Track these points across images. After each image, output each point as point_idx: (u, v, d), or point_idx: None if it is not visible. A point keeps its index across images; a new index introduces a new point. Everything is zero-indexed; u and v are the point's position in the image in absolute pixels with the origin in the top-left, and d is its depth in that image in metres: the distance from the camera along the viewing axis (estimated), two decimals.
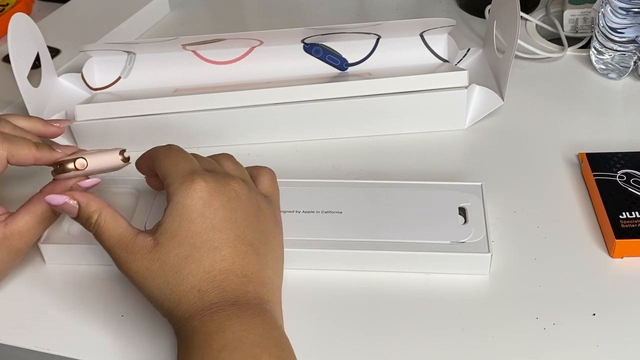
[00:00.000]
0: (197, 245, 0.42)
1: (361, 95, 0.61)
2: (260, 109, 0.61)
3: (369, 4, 0.86)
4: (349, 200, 0.53)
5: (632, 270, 0.50)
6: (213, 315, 0.40)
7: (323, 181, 0.55)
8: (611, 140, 0.61)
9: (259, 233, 0.44)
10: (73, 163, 0.47)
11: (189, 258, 0.41)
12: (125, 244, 0.43)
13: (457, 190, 0.53)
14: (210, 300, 0.41)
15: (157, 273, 0.42)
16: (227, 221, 0.43)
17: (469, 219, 0.51)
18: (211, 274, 0.41)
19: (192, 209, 0.42)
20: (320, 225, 0.51)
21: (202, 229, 0.42)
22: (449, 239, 0.50)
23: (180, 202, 0.42)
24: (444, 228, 0.51)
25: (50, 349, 0.47)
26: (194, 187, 0.42)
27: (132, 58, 0.68)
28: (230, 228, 0.43)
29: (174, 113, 0.61)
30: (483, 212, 0.52)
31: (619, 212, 0.51)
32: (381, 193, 0.54)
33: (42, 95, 0.64)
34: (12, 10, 0.82)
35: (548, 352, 0.45)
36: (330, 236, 0.51)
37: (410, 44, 0.67)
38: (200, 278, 0.41)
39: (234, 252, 0.42)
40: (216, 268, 0.42)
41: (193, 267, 0.41)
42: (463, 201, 0.53)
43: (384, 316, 0.48)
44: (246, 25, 0.85)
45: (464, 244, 0.49)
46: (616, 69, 0.68)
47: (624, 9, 0.64)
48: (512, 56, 0.59)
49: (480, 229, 0.50)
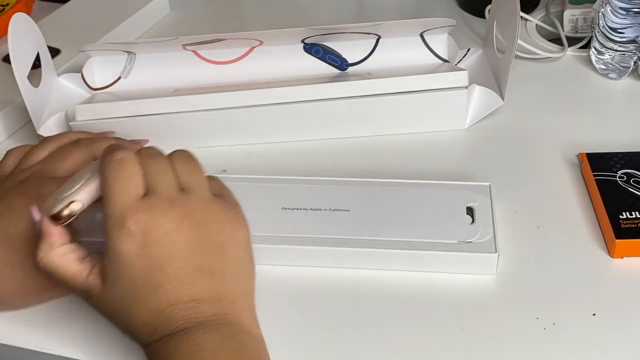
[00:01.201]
0: (139, 286, 0.41)
1: (361, 95, 0.61)
2: (260, 109, 0.61)
3: (369, 4, 0.86)
4: (356, 198, 0.53)
5: (632, 270, 0.50)
6: (165, 344, 0.40)
7: (329, 179, 0.55)
8: (611, 140, 0.61)
9: (210, 251, 0.43)
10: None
11: (134, 299, 0.41)
12: (79, 286, 0.42)
13: (465, 190, 0.54)
14: (162, 333, 0.41)
15: (111, 312, 0.42)
16: (166, 257, 0.41)
17: (477, 219, 0.51)
18: (158, 309, 0.41)
19: (126, 253, 0.40)
20: (327, 222, 0.52)
21: (141, 270, 0.41)
22: (456, 238, 0.50)
23: (113, 248, 0.41)
24: (451, 227, 0.51)
25: (50, 349, 0.47)
26: (125, 231, 0.40)
27: (132, 58, 0.68)
28: (170, 262, 0.41)
29: (174, 113, 0.61)
30: (491, 212, 0.52)
31: (619, 212, 0.51)
32: (388, 191, 0.54)
33: (42, 95, 0.64)
34: (12, 10, 0.82)
35: (548, 352, 0.45)
36: (338, 234, 0.51)
37: (410, 44, 0.67)
38: (148, 316, 0.41)
39: (179, 283, 0.41)
40: (162, 303, 0.41)
41: (140, 306, 0.41)
42: (471, 201, 0.53)
43: (384, 316, 0.48)
44: (246, 25, 0.85)
45: (471, 244, 0.49)
46: (616, 69, 0.68)
47: (624, 9, 0.64)
48: (512, 56, 0.59)
49: (488, 228, 0.50)
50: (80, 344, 0.47)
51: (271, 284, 0.49)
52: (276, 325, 0.46)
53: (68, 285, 0.43)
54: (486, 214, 0.51)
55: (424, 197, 0.53)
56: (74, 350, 0.47)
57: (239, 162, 0.62)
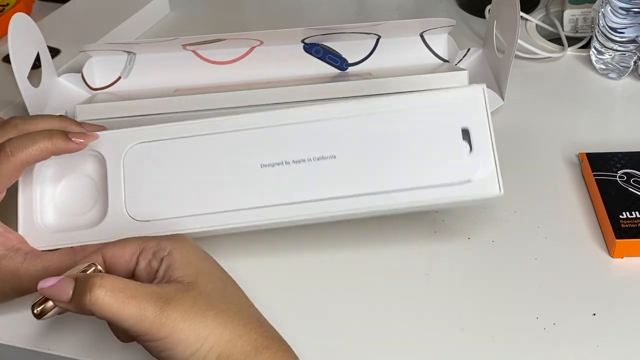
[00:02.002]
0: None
1: (361, 95, 0.61)
2: (260, 109, 0.61)
3: (369, 4, 0.86)
4: (339, 136, 0.47)
5: (632, 270, 0.50)
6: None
7: (303, 108, 0.48)
8: (611, 140, 0.61)
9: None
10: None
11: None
12: (160, 297, 0.39)
13: (456, 103, 0.47)
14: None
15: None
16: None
17: (474, 145, 0.46)
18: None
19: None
20: (314, 178, 0.47)
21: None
22: (456, 178, 0.46)
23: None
24: (449, 163, 0.46)
25: (50, 349, 0.47)
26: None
27: (132, 58, 0.68)
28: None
29: (174, 113, 0.61)
30: (489, 131, 0.47)
31: (619, 212, 0.51)
32: (374, 122, 0.47)
33: (42, 95, 0.64)
34: (12, 10, 0.82)
35: (548, 352, 0.45)
36: (328, 192, 0.46)
37: (410, 44, 0.67)
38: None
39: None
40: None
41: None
42: (465, 119, 0.47)
43: (384, 315, 0.48)
44: (246, 25, 0.85)
45: (471, 184, 0.46)
46: (616, 69, 0.68)
47: (624, 9, 0.64)
48: (512, 56, 0.59)
49: (488, 158, 0.46)
50: (81, 344, 0.47)
51: (279, 277, 0.50)
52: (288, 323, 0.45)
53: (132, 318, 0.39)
54: (485, 136, 0.46)
55: (413, 123, 0.47)
56: (74, 350, 0.47)
57: None
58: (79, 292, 0.38)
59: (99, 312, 0.38)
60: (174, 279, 0.40)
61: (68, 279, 0.39)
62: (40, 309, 0.40)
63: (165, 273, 0.41)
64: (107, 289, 0.38)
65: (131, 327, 0.38)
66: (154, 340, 0.38)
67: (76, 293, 0.38)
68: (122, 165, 0.49)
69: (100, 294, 0.37)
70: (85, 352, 0.47)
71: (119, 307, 0.38)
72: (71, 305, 0.39)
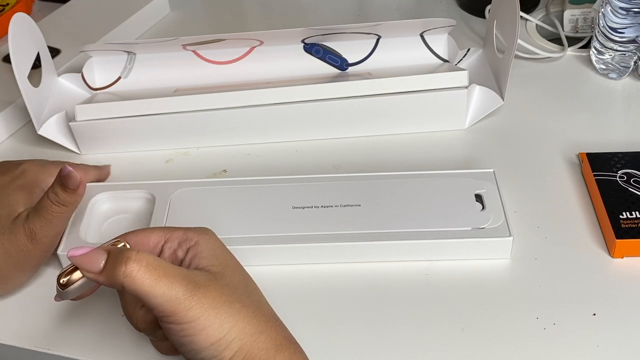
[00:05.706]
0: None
1: (361, 95, 0.61)
2: (260, 109, 0.61)
3: (369, 4, 0.86)
4: (364, 193, 0.54)
5: (632, 270, 0.50)
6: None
7: (334, 175, 0.56)
8: (611, 140, 0.61)
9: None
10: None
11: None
12: (190, 283, 0.39)
13: (470, 177, 0.54)
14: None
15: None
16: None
17: (487, 206, 0.52)
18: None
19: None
20: (340, 219, 0.52)
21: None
22: (469, 225, 0.50)
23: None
24: (462, 215, 0.51)
25: (50, 349, 0.47)
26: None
27: (132, 58, 0.68)
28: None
29: (174, 113, 0.61)
30: (499, 197, 0.52)
31: (619, 212, 0.51)
32: (395, 184, 0.54)
33: (42, 95, 0.64)
34: (12, 10, 0.82)
35: (548, 352, 0.45)
36: (352, 229, 0.51)
37: (410, 44, 0.67)
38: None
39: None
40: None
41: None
42: (478, 188, 0.53)
43: (384, 315, 0.48)
44: (246, 25, 0.85)
45: (484, 230, 0.50)
46: (616, 69, 0.68)
47: (624, 9, 0.64)
48: (512, 56, 0.59)
49: (499, 214, 0.51)
50: (81, 344, 0.47)
51: (291, 284, 0.50)
52: (294, 324, 0.45)
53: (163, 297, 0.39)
54: (495, 200, 0.52)
55: (432, 187, 0.54)
56: (74, 350, 0.47)
57: (239, 162, 0.62)
58: (112, 264, 0.38)
59: (131, 285, 0.38)
60: (201, 268, 0.41)
61: (100, 250, 0.39)
62: (66, 279, 0.40)
63: (192, 262, 0.42)
64: (142, 264, 0.38)
65: (160, 306, 0.38)
66: (179, 323, 0.38)
67: (109, 264, 0.38)
68: (168, 203, 0.54)
69: (135, 267, 0.37)
70: (85, 352, 0.47)
71: (151, 283, 0.37)
72: (101, 277, 0.38)
